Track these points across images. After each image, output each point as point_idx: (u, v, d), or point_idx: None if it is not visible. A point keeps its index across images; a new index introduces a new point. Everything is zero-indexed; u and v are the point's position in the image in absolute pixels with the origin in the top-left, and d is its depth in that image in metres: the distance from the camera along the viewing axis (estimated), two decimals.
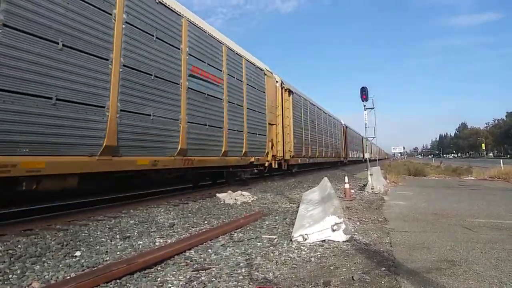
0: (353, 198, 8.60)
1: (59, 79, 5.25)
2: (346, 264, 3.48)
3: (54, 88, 5.16)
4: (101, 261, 3.68)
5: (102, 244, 4.41)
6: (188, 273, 3.30)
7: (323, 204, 5.70)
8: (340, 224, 4.39)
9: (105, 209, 6.89)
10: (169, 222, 5.78)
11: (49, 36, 5.11)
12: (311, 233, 4.38)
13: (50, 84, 5.11)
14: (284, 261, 3.66)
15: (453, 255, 3.70)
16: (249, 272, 3.30)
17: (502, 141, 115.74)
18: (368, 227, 5.23)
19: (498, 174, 15.66)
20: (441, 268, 3.25)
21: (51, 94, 5.11)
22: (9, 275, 3.24)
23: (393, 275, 3.07)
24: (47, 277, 3.20)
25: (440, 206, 7.16)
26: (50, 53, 5.13)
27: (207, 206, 7.66)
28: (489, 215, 6.10)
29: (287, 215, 6.42)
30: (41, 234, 4.87)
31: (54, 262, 3.62)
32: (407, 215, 6.22)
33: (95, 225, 5.51)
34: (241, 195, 8.96)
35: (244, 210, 7.23)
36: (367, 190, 10.05)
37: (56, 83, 5.21)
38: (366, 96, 11.29)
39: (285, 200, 8.60)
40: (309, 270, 3.34)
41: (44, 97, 5.02)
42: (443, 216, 6.04)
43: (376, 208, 7.08)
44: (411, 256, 3.67)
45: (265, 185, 13.01)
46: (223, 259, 3.75)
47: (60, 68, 5.28)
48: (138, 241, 4.56)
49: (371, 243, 4.26)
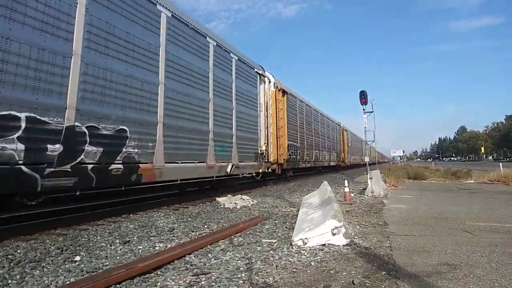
0: (353, 202, 8.60)
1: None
2: (346, 268, 3.48)
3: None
4: (101, 266, 3.67)
5: (102, 249, 4.40)
6: (188, 277, 3.29)
7: (323, 208, 5.70)
8: (340, 228, 4.39)
9: (105, 214, 6.88)
10: (169, 227, 5.77)
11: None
12: (311, 237, 4.38)
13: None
14: (284, 265, 3.65)
15: (454, 258, 3.69)
16: (249, 276, 3.29)
17: (501, 144, 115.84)
18: (368, 231, 5.22)
19: (497, 177, 15.65)
20: (441, 272, 3.24)
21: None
22: (9, 280, 3.23)
23: (393, 279, 3.06)
24: (46, 282, 3.19)
25: (440, 210, 7.16)
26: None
27: (207, 210, 7.65)
28: (489, 218, 6.10)
29: (287, 219, 6.41)
30: (41, 239, 4.86)
31: (54, 267, 3.62)
32: (407, 218, 6.21)
33: (95, 230, 5.50)
34: (241, 199, 8.96)
35: (244, 214, 7.22)
36: (367, 194, 10.04)
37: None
38: (365, 99, 11.33)
39: (285, 204, 8.60)
40: (309, 274, 3.34)
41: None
42: (443, 219, 6.04)
43: (376, 211, 7.07)
44: (411, 260, 3.67)
45: (265, 189, 13.00)
46: (223, 263, 3.75)
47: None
48: (138, 246, 4.55)
49: (371, 247, 4.25)
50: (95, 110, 5.90)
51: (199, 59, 9.20)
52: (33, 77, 4.90)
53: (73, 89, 5.50)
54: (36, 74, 4.96)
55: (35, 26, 5.00)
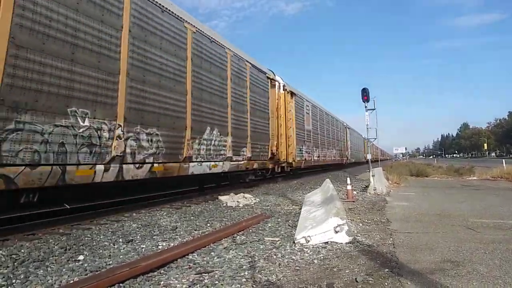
0: (356, 200, 8.59)
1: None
2: (349, 265, 3.47)
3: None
4: (104, 265, 3.68)
5: (105, 248, 4.42)
6: (191, 276, 3.30)
7: (325, 206, 5.69)
8: (343, 226, 4.39)
9: (107, 213, 6.91)
10: (171, 225, 5.78)
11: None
12: (313, 235, 4.38)
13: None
14: (287, 263, 3.65)
15: (457, 255, 3.68)
16: (252, 274, 3.30)
17: (504, 140, 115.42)
18: (370, 229, 5.22)
19: (500, 174, 15.60)
20: (444, 269, 3.24)
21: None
22: (13, 280, 3.25)
23: (396, 277, 3.06)
24: (50, 282, 3.20)
25: (442, 207, 7.14)
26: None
27: (210, 209, 7.66)
28: (492, 215, 6.08)
29: (290, 217, 6.41)
30: (44, 239, 4.88)
31: (58, 267, 3.63)
32: (410, 216, 6.20)
33: (98, 229, 5.52)
34: (244, 198, 8.96)
35: (246, 212, 7.23)
36: (369, 191, 10.03)
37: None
38: (367, 97, 11.28)
39: (287, 202, 8.60)
40: (312, 272, 3.34)
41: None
42: (446, 216, 6.03)
43: (378, 209, 7.06)
44: (414, 257, 3.66)
45: (267, 187, 13.00)
46: (226, 262, 3.75)
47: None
48: (141, 245, 4.56)
49: (374, 245, 4.25)
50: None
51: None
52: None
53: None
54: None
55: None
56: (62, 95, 5.28)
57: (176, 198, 9.40)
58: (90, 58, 5.79)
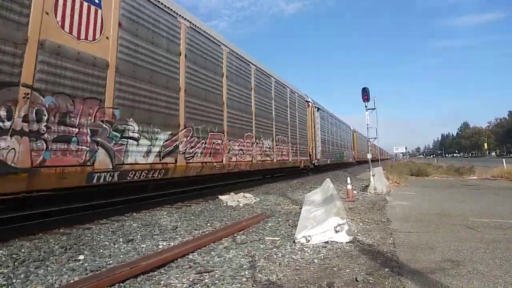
0: (356, 199, 8.59)
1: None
2: (350, 265, 3.47)
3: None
4: (105, 265, 3.68)
5: (105, 247, 4.42)
6: (192, 275, 3.30)
7: (325, 205, 5.69)
8: (343, 225, 4.39)
9: (108, 213, 6.90)
10: (172, 225, 5.78)
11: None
12: (314, 235, 4.38)
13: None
14: (287, 262, 3.65)
15: (457, 255, 3.68)
16: (252, 274, 3.30)
17: (504, 140, 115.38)
18: (371, 228, 5.22)
19: (500, 173, 15.59)
20: (445, 269, 3.24)
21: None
22: (13, 279, 3.25)
23: (396, 276, 3.06)
24: (51, 281, 3.21)
25: (443, 206, 7.14)
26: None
27: (210, 209, 7.67)
28: (493, 214, 6.07)
29: (290, 216, 6.41)
30: (44, 238, 4.89)
31: (58, 266, 3.63)
32: (410, 215, 6.20)
33: (98, 229, 5.52)
34: (244, 197, 8.96)
35: (246, 212, 7.23)
36: (370, 191, 10.03)
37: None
38: (367, 96, 11.29)
39: (287, 202, 8.60)
40: (312, 272, 3.34)
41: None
42: (446, 216, 6.03)
43: (378, 208, 7.06)
44: (414, 256, 3.66)
45: (268, 187, 13.00)
46: (226, 261, 3.75)
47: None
48: (141, 244, 4.56)
49: (374, 244, 4.25)
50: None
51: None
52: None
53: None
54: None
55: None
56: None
57: (176, 197, 9.39)
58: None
